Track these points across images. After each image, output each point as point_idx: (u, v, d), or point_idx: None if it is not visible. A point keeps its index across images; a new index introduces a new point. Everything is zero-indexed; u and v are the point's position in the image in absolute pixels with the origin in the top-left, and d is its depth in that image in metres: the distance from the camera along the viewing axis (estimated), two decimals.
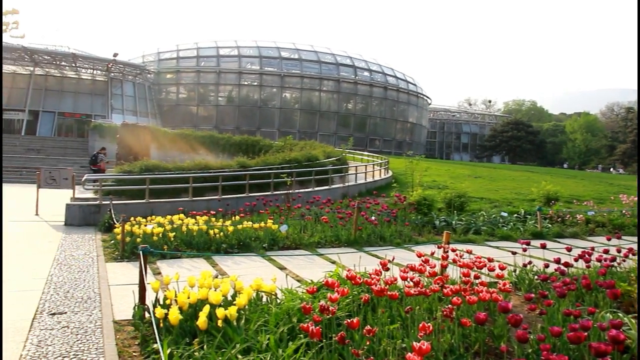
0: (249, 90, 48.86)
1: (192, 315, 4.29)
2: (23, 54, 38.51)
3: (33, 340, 4.37)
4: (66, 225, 11.27)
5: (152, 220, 9.79)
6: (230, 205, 12.55)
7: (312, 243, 9.45)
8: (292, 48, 49.87)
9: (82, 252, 8.44)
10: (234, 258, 8.18)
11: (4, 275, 6.71)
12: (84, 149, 31.17)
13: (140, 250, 5.00)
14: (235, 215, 10.94)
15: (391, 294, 4.16)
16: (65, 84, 42.14)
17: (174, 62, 48.48)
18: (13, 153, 29.28)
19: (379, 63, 52.78)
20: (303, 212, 11.33)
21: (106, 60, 40.87)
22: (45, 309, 5.25)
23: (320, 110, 48.75)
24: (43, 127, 38.82)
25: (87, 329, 4.71)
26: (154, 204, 12.26)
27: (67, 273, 6.89)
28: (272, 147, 23.30)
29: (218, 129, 41.97)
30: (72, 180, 13.27)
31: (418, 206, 13.35)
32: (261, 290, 4.79)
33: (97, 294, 5.89)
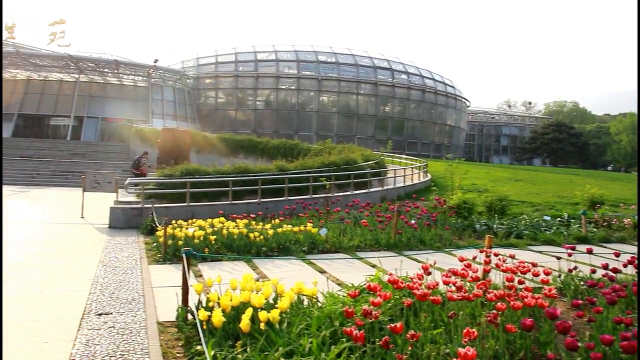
0: (287, 94, 49.10)
1: (234, 317, 4.32)
2: (69, 62, 39.69)
3: (82, 340, 4.47)
4: (110, 228, 11.53)
5: (193, 224, 9.92)
6: (269, 209, 12.63)
7: (351, 247, 9.42)
8: (329, 52, 49.92)
9: (125, 254, 8.61)
10: (274, 261, 8.22)
11: (55, 276, 6.93)
12: (125, 153, 31.85)
13: (183, 253, 5.06)
14: (275, 219, 11.01)
15: (434, 299, 4.11)
16: (108, 90, 43.23)
17: (213, 67, 49.11)
18: (59, 157, 30.15)
19: (416, 65, 52.40)
20: (342, 216, 11.31)
21: (147, 66, 41.75)
22: (93, 309, 5.37)
23: (358, 114, 48.63)
24: (87, 132, 39.89)
25: (132, 329, 4.79)
26: (195, 207, 12.43)
27: (112, 275, 7.04)
28: (310, 151, 23.37)
29: (256, 132, 42.30)
30: (115, 184, 13.57)
31: (458, 210, 13.19)
32: (302, 294, 4.79)
33: (141, 296, 5.99)
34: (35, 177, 26.15)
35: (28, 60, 40.50)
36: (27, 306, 5.41)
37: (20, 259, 7.89)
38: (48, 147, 33.44)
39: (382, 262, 7.19)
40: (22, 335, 4.57)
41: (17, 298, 5.73)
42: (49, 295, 5.94)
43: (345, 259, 8.66)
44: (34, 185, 24.48)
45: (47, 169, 27.81)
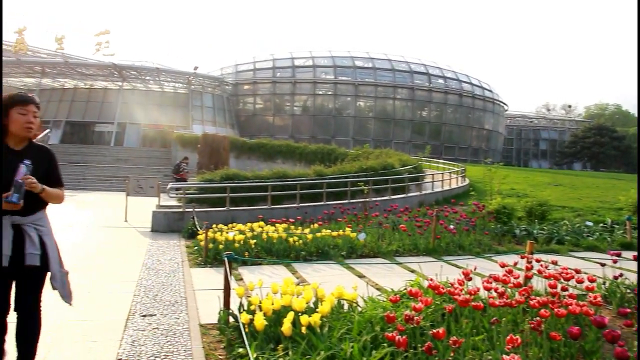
0: (324, 99, 49.26)
1: (275, 321, 4.37)
2: (113, 71, 40.79)
3: (127, 340, 4.60)
4: (152, 232, 11.79)
5: (233, 228, 10.07)
6: (308, 214, 12.71)
7: (390, 251, 9.42)
8: (365, 57, 49.90)
9: (167, 257, 8.79)
10: (313, 265, 8.28)
11: (101, 278, 7.13)
12: (167, 159, 32.46)
13: (225, 257, 5.15)
14: (314, 223, 11.07)
15: (475, 305, 4.09)
16: (149, 97, 44.20)
17: (251, 74, 49.62)
18: (104, 163, 30.97)
19: (453, 70, 51.91)
20: (380, 221, 11.30)
21: (187, 73, 42.50)
22: (137, 311, 5.51)
23: (395, 118, 48.43)
24: (130, 138, 40.86)
25: (176, 331, 4.89)
26: (234, 212, 12.60)
27: (155, 277, 7.20)
28: (347, 156, 23.38)
29: (294, 137, 42.53)
30: (157, 189, 13.87)
31: (497, 215, 13.03)
32: (343, 298, 4.83)
33: (183, 298, 6.10)
34: (82, 182, 26.91)
35: (75, 70, 41.78)
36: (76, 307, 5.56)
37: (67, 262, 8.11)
38: (93, 152, 34.39)
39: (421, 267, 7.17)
40: (72, 334, 4.74)
41: None
42: (96, 296, 6.12)
43: (383, 263, 8.66)
44: (80, 189, 25.17)
45: (93, 173, 28.59)
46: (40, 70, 42.41)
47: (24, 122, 3.23)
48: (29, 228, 3.24)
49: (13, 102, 3.24)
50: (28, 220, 3.25)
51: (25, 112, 3.24)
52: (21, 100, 3.27)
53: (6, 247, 3.12)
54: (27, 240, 3.20)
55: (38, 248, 3.24)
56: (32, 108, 3.29)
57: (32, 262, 3.21)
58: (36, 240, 3.24)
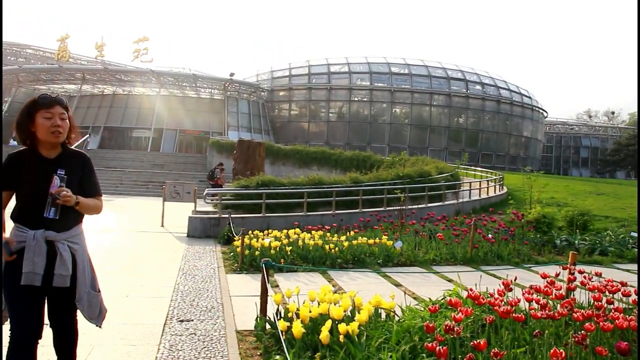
0: (359, 106, 49.21)
1: (312, 329, 4.35)
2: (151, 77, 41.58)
3: (165, 345, 4.64)
4: (188, 237, 11.91)
5: (269, 234, 10.10)
6: (343, 221, 12.66)
7: (426, 260, 9.31)
8: (401, 63, 49.71)
9: (204, 263, 8.86)
10: (349, 273, 8.23)
11: (139, 282, 7.23)
12: (202, 164, 32.86)
13: (263, 264, 5.16)
14: (350, 231, 11.03)
15: (516, 316, 4.00)
16: (186, 103, 44.90)
17: (287, 80, 49.93)
18: (141, 168, 31.50)
19: (491, 76, 51.28)
20: (417, 229, 11.20)
21: (223, 80, 43.03)
22: (175, 316, 5.56)
23: (431, 125, 48.06)
24: (166, 143, 41.53)
25: (213, 337, 4.91)
26: (270, 218, 12.65)
27: (192, 282, 7.26)
28: (383, 163, 23.29)
29: (329, 144, 42.59)
30: (193, 194, 14.03)
31: (537, 224, 12.76)
32: (380, 307, 4.78)
33: (220, 304, 6.13)
34: (119, 187, 27.42)
35: (114, 76, 42.75)
36: (116, 310, 5.65)
37: (105, 266, 8.28)
38: (130, 158, 35.02)
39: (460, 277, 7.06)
40: (112, 337, 4.80)
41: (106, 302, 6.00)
42: (134, 300, 6.20)
43: (420, 272, 8.57)
44: (117, 194, 25.66)
45: (130, 178, 29.12)
46: (80, 77, 43.53)
47: (50, 126, 2.96)
48: (62, 246, 2.98)
49: (37, 106, 2.99)
50: (62, 237, 3.00)
51: (51, 115, 2.97)
52: (45, 102, 3.00)
53: (39, 266, 2.90)
54: (58, 259, 2.95)
55: (69, 269, 2.99)
56: (58, 110, 3.01)
57: (61, 284, 2.98)
58: (68, 260, 2.99)
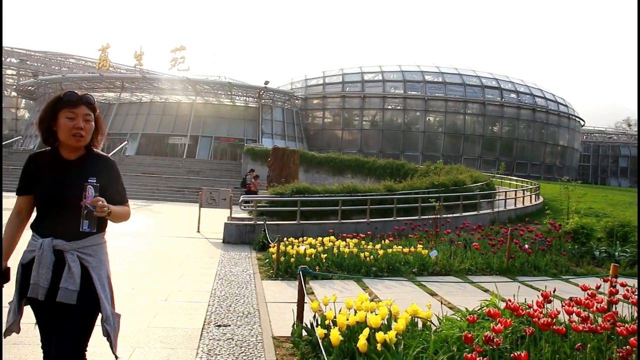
0: (393, 114, 49.09)
1: (349, 337, 4.37)
2: (187, 85, 42.28)
3: (204, 349, 4.69)
4: (224, 243, 12.04)
5: (303, 241, 10.16)
6: (378, 229, 12.66)
7: (462, 270, 9.24)
8: (435, 71, 49.45)
9: (239, 269, 8.95)
10: (384, 282, 8.22)
11: (177, 286, 7.35)
12: (237, 171, 33.18)
13: (300, 271, 5.20)
14: (384, 239, 11.02)
15: (557, 329, 3.95)
16: (221, 111, 45.49)
17: (320, 88, 50.14)
18: (177, 174, 31.98)
19: (526, 84, 50.61)
20: (452, 238, 11.12)
21: (258, 87, 43.47)
22: (212, 320, 5.63)
23: (465, 134, 47.63)
24: (201, 150, 42.11)
25: (250, 342, 4.96)
26: (304, 225, 12.71)
27: (228, 288, 7.34)
28: (416, 171, 23.19)
29: (362, 152, 42.58)
30: (229, 201, 14.20)
31: (574, 235, 12.53)
32: (417, 316, 4.77)
33: (256, 310, 6.18)
34: (155, 192, 27.88)
35: (152, 85, 43.63)
36: (155, 314, 5.78)
37: (144, 270, 8.45)
38: (167, 164, 35.60)
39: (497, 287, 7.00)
40: (152, 339, 4.90)
41: (146, 305, 6.14)
42: (173, 304, 6.30)
43: (456, 282, 8.50)
44: (154, 199, 26.10)
45: (166, 184, 29.58)
46: (120, 85, 44.55)
47: (71, 127, 2.63)
48: (70, 257, 2.61)
49: (61, 104, 2.66)
50: (72, 247, 2.63)
51: (74, 116, 2.64)
52: (69, 100, 2.67)
53: (43, 278, 2.57)
54: (65, 271, 2.59)
55: (76, 283, 2.58)
56: (83, 110, 2.68)
57: (65, 299, 2.56)
58: (76, 274, 2.60)
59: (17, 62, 52.92)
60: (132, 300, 6.35)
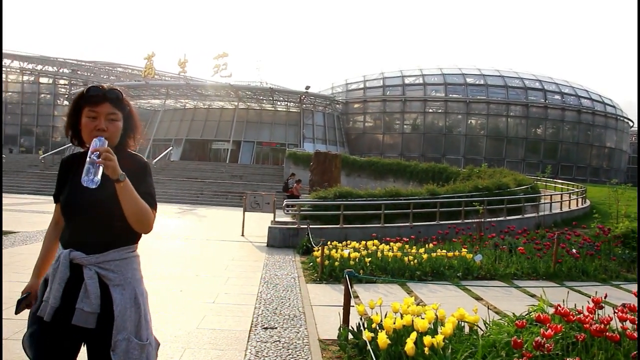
0: (434, 117, 48.76)
1: (396, 340, 4.39)
2: (230, 91, 42.95)
3: (252, 351, 4.77)
4: (268, 247, 12.19)
5: (347, 245, 10.21)
6: (421, 233, 12.61)
7: (507, 274, 9.13)
8: (477, 74, 48.87)
9: (284, 272, 9.05)
10: (429, 286, 8.19)
11: (223, 289, 7.50)
12: (279, 176, 33.49)
13: (346, 274, 5.26)
14: (428, 243, 10.98)
15: (610, 335, 3.89)
16: (263, 116, 46.12)
17: (361, 92, 50.21)
18: (220, 179, 32.48)
19: (571, 85, 49.50)
20: (497, 242, 10.99)
21: (299, 92, 43.80)
22: (259, 323, 5.70)
23: (507, 136, 46.93)
24: (244, 155, 42.73)
25: (297, 345, 5.02)
26: (347, 229, 12.76)
27: (274, 291, 7.43)
28: (459, 175, 22.99)
29: (403, 156, 42.42)
30: (273, 205, 14.36)
31: (625, 239, 12.19)
32: (464, 320, 4.76)
33: (302, 313, 6.24)
34: (200, 197, 28.37)
35: (195, 91, 44.49)
36: (204, 316, 5.90)
37: (192, 272, 8.64)
38: (210, 169, 36.19)
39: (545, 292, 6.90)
40: (202, 341, 5.00)
41: (194, 307, 6.29)
42: (220, 306, 6.41)
43: (501, 286, 8.41)
44: (198, 204, 26.57)
45: (210, 189, 30.05)
46: (164, 92, 45.55)
47: (92, 129, 2.24)
48: (88, 272, 2.19)
49: (83, 100, 2.29)
50: (92, 261, 2.21)
51: (95, 115, 2.25)
52: (91, 97, 2.27)
53: (54, 295, 2.17)
54: (82, 289, 2.17)
55: (93, 304, 2.16)
56: (107, 108, 2.26)
57: (81, 323, 2.15)
58: (93, 293, 2.17)
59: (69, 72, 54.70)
60: (181, 302, 6.51)
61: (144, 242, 2.69)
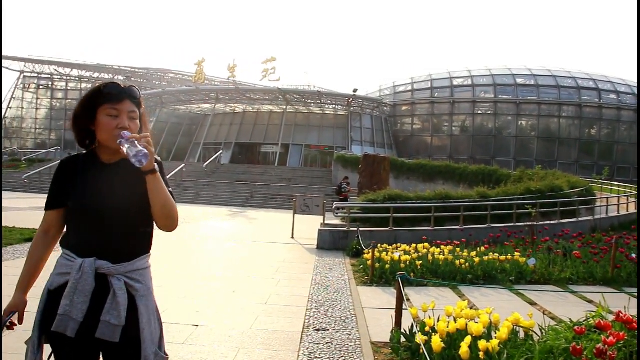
0: (483, 119, 47.98)
1: (449, 344, 4.37)
2: (278, 95, 43.43)
3: (304, 352, 4.82)
4: (318, 249, 12.25)
5: (398, 248, 10.19)
6: (472, 236, 12.45)
7: (562, 279, 8.91)
8: (527, 74, 47.75)
9: (335, 274, 9.09)
10: (480, 290, 8.09)
11: (275, 290, 7.59)
12: (328, 178, 33.61)
13: (399, 277, 5.26)
14: (479, 247, 10.85)
15: None
16: (311, 119, 46.40)
17: (409, 95, 49.85)
18: (269, 182, 32.81)
19: (628, 84, 47.73)
20: (551, 246, 10.76)
21: (346, 95, 43.83)
22: (311, 324, 5.76)
23: (560, 138, 45.65)
24: (292, 158, 43.05)
25: (349, 347, 5.04)
26: (397, 232, 12.72)
27: (325, 293, 7.48)
28: (509, 177, 22.56)
29: (452, 158, 41.89)
30: (322, 207, 14.44)
31: None
32: (519, 325, 4.70)
33: (353, 315, 6.26)
34: (249, 200, 28.72)
35: (244, 95, 45.16)
36: (256, 317, 6.00)
37: (244, 274, 8.78)
38: (259, 172, 36.61)
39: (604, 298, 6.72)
40: (256, 341, 5.08)
41: (247, 308, 6.39)
42: (272, 308, 6.49)
43: (556, 291, 8.23)
44: (248, 206, 26.91)
45: (259, 192, 30.38)
46: (214, 97, 46.41)
47: (115, 127, 2.11)
48: (117, 282, 2.09)
49: (101, 98, 2.14)
50: (120, 270, 2.12)
51: (117, 113, 2.12)
52: (112, 94, 2.14)
53: (78, 308, 2.04)
54: (109, 300, 2.07)
55: (121, 317, 2.06)
56: (128, 105, 2.15)
57: (107, 337, 2.05)
58: (122, 304, 2.07)
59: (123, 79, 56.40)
60: (234, 303, 6.64)
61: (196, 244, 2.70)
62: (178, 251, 10.72)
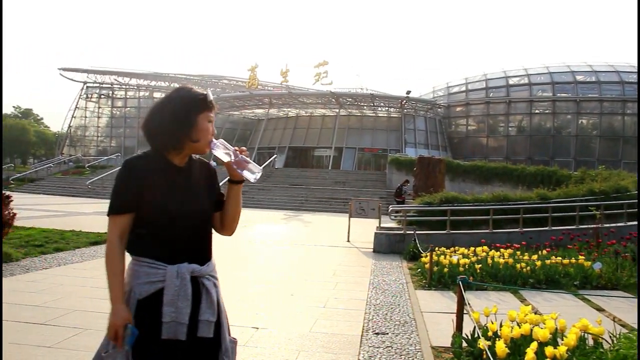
0: (541, 118, 46.74)
1: (513, 350, 4.27)
2: (331, 98, 43.58)
3: (364, 355, 4.80)
4: (374, 252, 12.19)
5: (455, 251, 10.03)
6: (532, 239, 12.12)
7: (631, 284, 8.55)
8: (587, 70, 46.18)
9: (392, 278, 9.02)
10: (543, 294, 7.87)
11: (333, 294, 7.59)
12: (382, 181, 33.49)
13: (460, 281, 5.17)
14: (540, 250, 10.55)
15: None
16: (364, 122, 46.36)
17: (463, 95, 49.12)
18: (323, 185, 32.96)
19: None
20: (618, 249, 10.34)
21: (400, 98, 43.59)
22: (370, 328, 5.73)
23: (624, 136, 43.91)
24: (346, 161, 43.10)
25: (409, 351, 4.99)
26: (454, 235, 12.52)
27: (383, 297, 7.43)
28: (570, 178, 21.85)
29: (509, 159, 40.97)
30: (378, 211, 14.39)
31: None
32: (587, 332, 4.54)
33: (412, 319, 6.20)
34: (304, 203, 28.89)
35: (297, 100, 45.53)
36: (315, 320, 6.02)
37: (301, 277, 8.83)
38: (313, 175, 36.82)
39: None
40: (315, 344, 5.09)
41: (306, 311, 6.42)
42: (331, 311, 6.49)
43: (625, 297, 7.88)
44: (303, 210, 27.09)
45: (314, 195, 30.54)
46: (268, 102, 46.99)
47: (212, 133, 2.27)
48: (208, 282, 2.23)
49: (204, 105, 2.24)
50: (206, 271, 2.24)
51: (212, 120, 2.27)
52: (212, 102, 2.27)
53: (184, 313, 2.13)
54: (204, 300, 2.19)
55: (215, 313, 2.22)
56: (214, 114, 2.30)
57: (206, 333, 2.18)
58: (215, 302, 2.23)
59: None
60: (292, 306, 6.68)
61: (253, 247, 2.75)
62: (235, 254, 10.88)
